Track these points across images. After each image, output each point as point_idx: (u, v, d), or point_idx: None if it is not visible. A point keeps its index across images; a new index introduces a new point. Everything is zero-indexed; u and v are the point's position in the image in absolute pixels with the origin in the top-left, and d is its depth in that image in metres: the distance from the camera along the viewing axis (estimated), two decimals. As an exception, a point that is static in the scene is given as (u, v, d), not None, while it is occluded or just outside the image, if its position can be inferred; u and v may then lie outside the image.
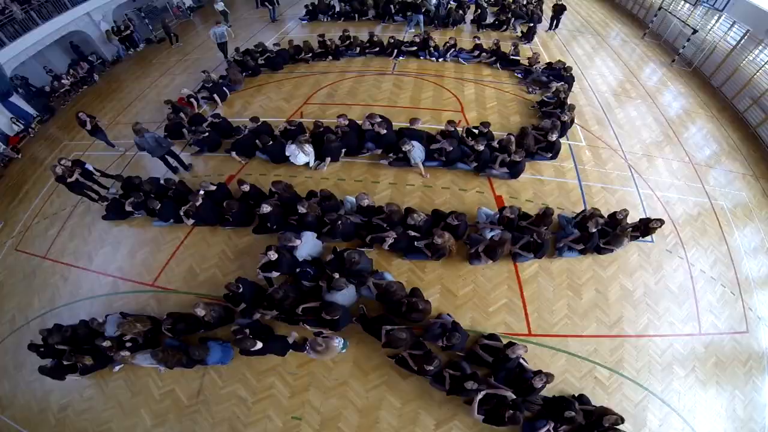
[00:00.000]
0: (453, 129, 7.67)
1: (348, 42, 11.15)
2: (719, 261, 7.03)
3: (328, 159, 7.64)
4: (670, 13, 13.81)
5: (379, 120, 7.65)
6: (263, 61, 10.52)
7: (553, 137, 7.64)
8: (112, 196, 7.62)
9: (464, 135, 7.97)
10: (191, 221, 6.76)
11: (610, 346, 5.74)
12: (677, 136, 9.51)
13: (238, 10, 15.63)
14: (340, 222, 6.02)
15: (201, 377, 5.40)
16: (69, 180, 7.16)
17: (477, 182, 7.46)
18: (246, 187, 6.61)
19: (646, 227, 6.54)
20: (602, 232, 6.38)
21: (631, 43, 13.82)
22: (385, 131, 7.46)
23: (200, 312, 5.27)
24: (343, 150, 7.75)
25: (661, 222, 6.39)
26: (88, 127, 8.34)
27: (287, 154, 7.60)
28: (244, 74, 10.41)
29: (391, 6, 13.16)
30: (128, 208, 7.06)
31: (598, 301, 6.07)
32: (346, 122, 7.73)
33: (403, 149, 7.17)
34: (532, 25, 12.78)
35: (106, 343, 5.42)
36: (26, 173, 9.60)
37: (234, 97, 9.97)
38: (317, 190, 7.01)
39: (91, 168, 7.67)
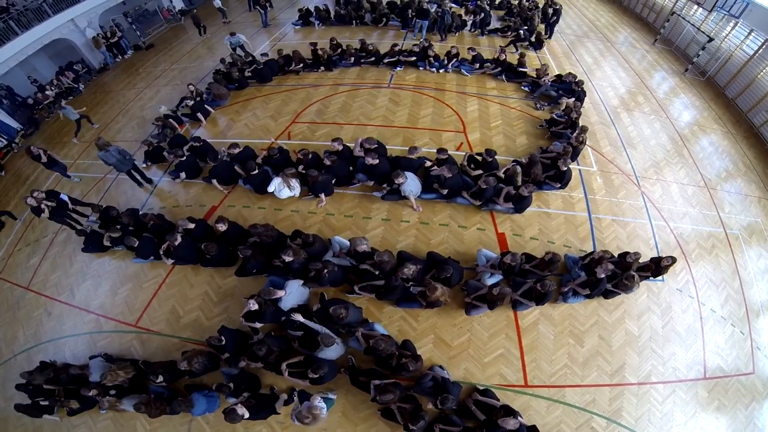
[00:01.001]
0: (446, 156, 6.45)
1: (340, 51, 9.81)
2: (731, 298, 6.40)
3: (323, 195, 6.54)
4: (683, 18, 12.35)
5: (374, 145, 6.52)
6: (250, 73, 9.24)
7: (564, 166, 6.54)
8: (91, 227, 6.66)
9: (465, 162, 6.80)
10: (170, 261, 5.96)
11: (610, 395, 5.21)
12: (692, 155, 8.48)
13: (231, 14, 14.20)
14: (326, 271, 5.18)
15: (188, 422, 5.00)
16: (42, 214, 6.44)
17: (478, 217, 6.47)
18: (223, 227, 5.68)
19: (657, 267, 5.68)
20: (611, 275, 5.47)
21: (641, 50, 12.48)
22: (377, 161, 6.32)
23: (183, 366, 4.76)
24: (334, 180, 6.66)
25: (673, 260, 5.69)
26: (44, 159, 7.38)
27: (270, 189, 6.47)
28: (230, 87, 9.18)
29: (410, 11, 11.35)
30: (106, 243, 6.27)
31: (601, 349, 5.40)
32: (341, 147, 6.61)
33: (396, 182, 6.13)
34: (546, 27, 11.43)
35: (92, 392, 5.00)
36: (9, 193, 8.67)
37: (218, 114, 8.80)
38: (304, 226, 6.16)
39: (66, 198, 6.83)
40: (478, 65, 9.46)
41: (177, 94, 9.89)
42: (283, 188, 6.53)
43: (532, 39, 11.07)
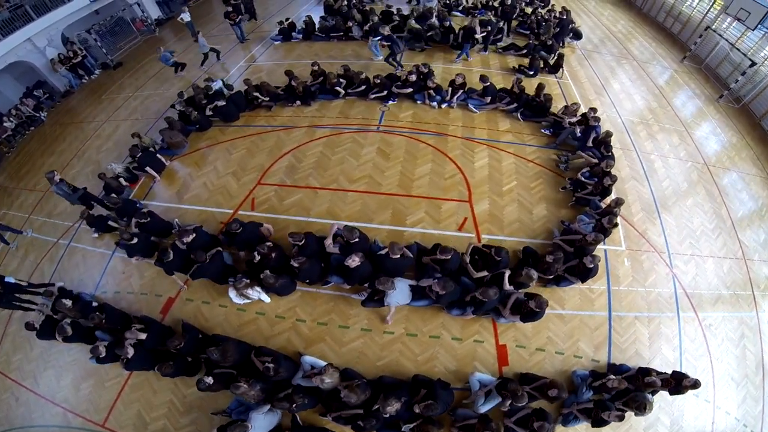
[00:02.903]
0: (449, 256, 3.92)
1: (321, 79, 6.56)
2: (749, 396, 4.54)
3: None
4: (719, 35, 8.62)
5: (355, 238, 3.99)
6: (212, 111, 6.19)
7: (591, 263, 4.02)
8: (44, 312, 4.70)
9: (468, 256, 4.21)
10: (126, 370, 4.05)
11: None
12: (731, 215, 5.73)
13: (206, 25, 10.18)
14: (294, 405, 3.25)
15: None
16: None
17: (477, 326, 4.16)
18: (177, 344, 3.69)
19: (677, 384, 3.69)
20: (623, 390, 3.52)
21: (669, 69, 8.83)
22: (358, 262, 3.82)
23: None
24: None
25: (697, 384, 3.71)
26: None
27: (229, 294, 4.28)
28: (189, 129, 6.17)
29: (451, 36, 7.65)
30: (59, 339, 4.33)
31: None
32: (301, 241, 4.07)
33: (382, 291, 3.79)
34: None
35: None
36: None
37: (173, 169, 5.91)
38: (271, 334, 4.05)
39: (13, 281, 5.09)
40: (489, 99, 6.21)
41: (136, 131, 6.67)
42: (241, 301, 4.24)
43: (551, 61, 7.52)
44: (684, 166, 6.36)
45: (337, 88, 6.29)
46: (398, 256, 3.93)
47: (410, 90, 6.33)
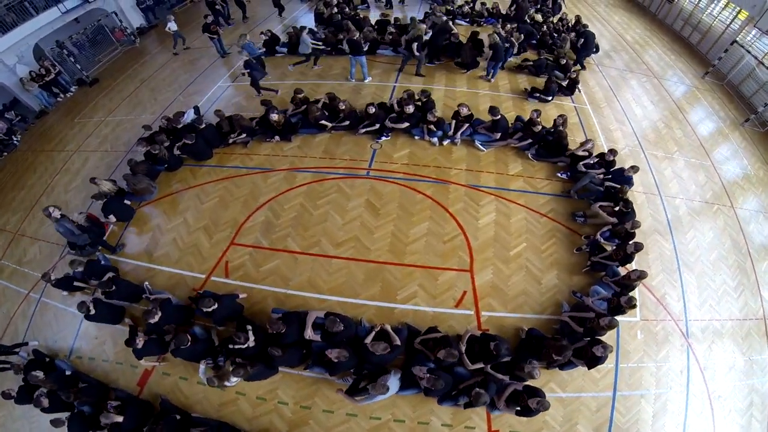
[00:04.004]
0: (450, 350, 2.88)
1: (303, 108, 5.00)
2: None
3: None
4: (745, 49, 6.80)
5: (339, 327, 2.95)
6: (180, 151, 4.78)
7: (601, 353, 2.91)
8: (22, 370, 3.59)
9: (464, 346, 3.10)
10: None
11: None
12: (755, 269, 4.48)
13: (190, 34, 8.20)
14: None
15: None
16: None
17: (468, 412, 3.10)
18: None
19: None
20: None
21: (690, 86, 7.02)
22: (340, 358, 2.84)
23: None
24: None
25: None
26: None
27: (199, 372, 3.24)
28: (158, 169, 4.74)
29: (405, 37, 5.92)
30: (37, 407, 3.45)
31: None
32: (282, 330, 3.05)
33: (371, 392, 2.78)
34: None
35: None
36: None
37: (143, 216, 4.58)
38: (252, 416, 3.11)
39: None
40: (499, 135, 4.69)
41: (104, 167, 5.54)
42: (215, 384, 3.11)
43: (564, 83, 5.85)
44: (710, 211, 4.98)
45: (323, 122, 4.78)
46: (383, 352, 2.93)
47: (406, 125, 4.78)
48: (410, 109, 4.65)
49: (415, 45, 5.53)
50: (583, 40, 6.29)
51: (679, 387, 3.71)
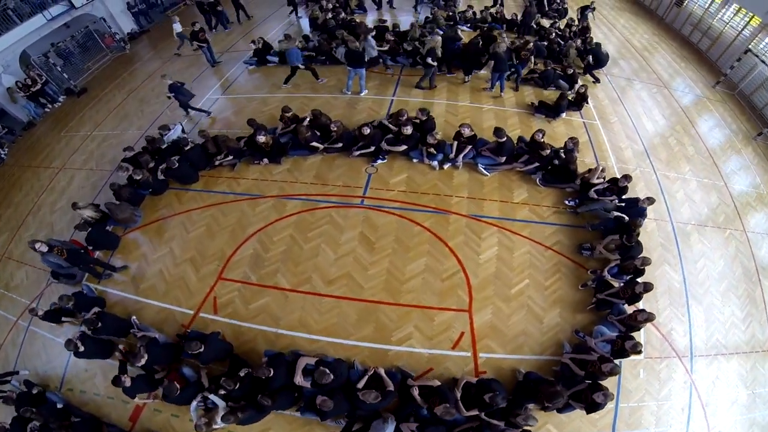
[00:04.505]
0: (447, 408, 2.46)
1: (293, 127, 4.37)
2: None
3: None
4: (759, 58, 6.10)
5: (328, 378, 2.56)
6: (163, 175, 4.21)
7: (601, 400, 2.50)
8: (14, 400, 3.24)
9: (460, 392, 2.70)
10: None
11: None
12: (765, 298, 3.99)
13: (170, 50, 7.43)
14: None
15: None
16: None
17: None
18: None
19: None
20: None
21: (701, 96, 6.35)
22: (330, 407, 2.46)
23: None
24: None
25: None
26: None
27: (191, 411, 2.87)
28: (142, 193, 4.23)
29: (405, 44, 5.42)
30: None
31: None
32: (270, 374, 2.69)
33: None
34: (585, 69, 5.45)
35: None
36: None
37: (127, 248, 4.05)
38: None
39: None
40: (504, 159, 4.10)
41: (89, 187, 4.98)
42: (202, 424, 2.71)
43: (571, 95, 5.13)
44: (722, 237, 4.44)
45: (314, 143, 4.20)
46: (374, 401, 2.59)
47: (404, 147, 4.16)
48: (408, 130, 4.04)
49: (429, 59, 4.78)
50: (592, 56, 5.62)
51: (679, 425, 3.32)
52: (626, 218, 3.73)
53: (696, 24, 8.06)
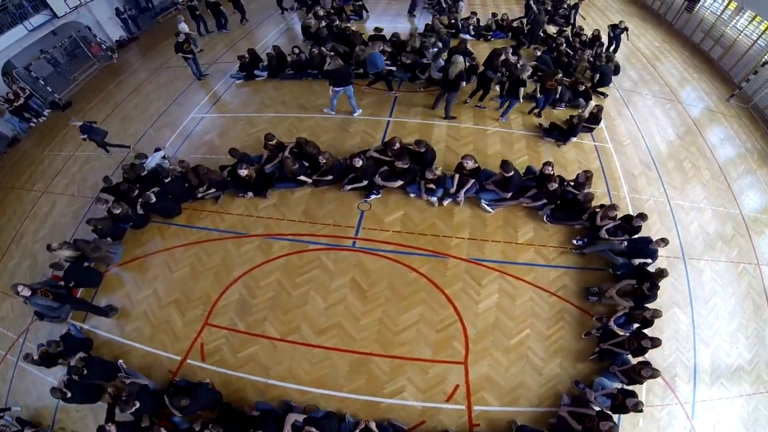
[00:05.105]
0: None
1: (278, 157, 3.81)
2: None
3: None
4: None
5: None
6: (143, 210, 3.68)
7: None
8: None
9: None
10: None
11: None
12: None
13: (165, 52, 6.63)
14: None
15: None
16: None
17: None
18: None
19: None
20: None
21: (716, 112, 5.67)
22: None
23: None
24: None
25: None
26: None
27: None
28: (124, 227, 3.79)
29: (403, 57, 4.68)
30: None
31: None
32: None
33: None
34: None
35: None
36: None
37: (110, 286, 3.61)
38: None
39: None
40: (510, 195, 3.54)
41: (71, 215, 4.44)
42: None
43: (585, 112, 4.44)
44: (735, 273, 3.94)
45: (302, 177, 3.64)
46: None
47: (400, 183, 3.60)
48: (405, 164, 3.47)
49: (463, 83, 3.95)
50: (598, 75, 4.91)
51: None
52: (649, 261, 3.20)
53: (708, 31, 7.16)
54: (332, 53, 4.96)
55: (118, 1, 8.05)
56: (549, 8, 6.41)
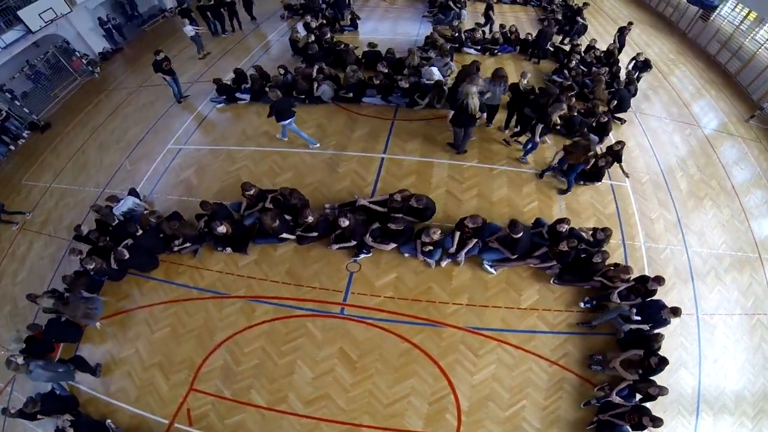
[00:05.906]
0: None
1: (261, 206, 3.20)
2: None
3: None
4: None
5: None
6: (117, 266, 3.14)
7: None
8: None
9: None
10: None
11: None
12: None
13: (150, 65, 5.22)
14: None
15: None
16: None
17: None
18: None
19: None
20: None
21: (735, 136, 4.94)
22: None
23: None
24: None
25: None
26: None
27: None
28: (101, 279, 3.28)
29: (400, 78, 3.92)
30: None
31: None
32: None
33: None
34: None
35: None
36: None
37: (91, 340, 3.20)
38: None
39: None
40: (516, 256, 2.91)
41: (48, 258, 3.95)
42: None
43: (600, 147, 3.75)
44: (748, 326, 3.47)
45: (285, 235, 3.10)
46: None
47: (393, 246, 3.03)
48: (399, 226, 2.87)
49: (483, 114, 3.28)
50: (616, 102, 4.10)
51: None
52: (658, 333, 2.70)
53: (724, 42, 6.23)
54: (321, 75, 4.18)
55: (103, 10, 7.06)
56: (559, 17, 5.45)
